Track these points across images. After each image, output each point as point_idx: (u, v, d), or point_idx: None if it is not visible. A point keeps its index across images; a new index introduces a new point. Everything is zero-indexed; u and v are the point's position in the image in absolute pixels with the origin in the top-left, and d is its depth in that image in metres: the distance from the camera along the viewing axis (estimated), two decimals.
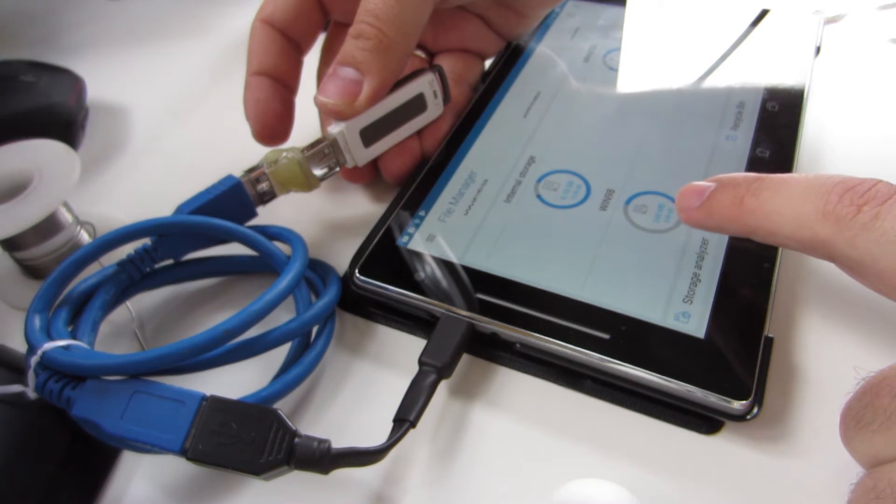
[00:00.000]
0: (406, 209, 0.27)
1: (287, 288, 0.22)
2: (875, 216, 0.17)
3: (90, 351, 0.21)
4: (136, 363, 0.20)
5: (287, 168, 0.26)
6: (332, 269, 0.26)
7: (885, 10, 0.39)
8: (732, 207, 0.20)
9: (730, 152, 0.28)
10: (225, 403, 0.19)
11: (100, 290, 0.24)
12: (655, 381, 0.21)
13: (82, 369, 0.20)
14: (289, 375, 0.22)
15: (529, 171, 0.28)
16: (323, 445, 0.19)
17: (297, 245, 0.25)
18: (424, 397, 0.21)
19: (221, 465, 0.18)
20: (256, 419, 0.19)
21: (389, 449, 0.19)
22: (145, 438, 0.19)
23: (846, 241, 0.18)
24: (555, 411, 0.22)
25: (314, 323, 0.23)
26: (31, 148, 0.27)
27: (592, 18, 0.37)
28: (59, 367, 0.20)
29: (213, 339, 0.20)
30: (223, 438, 0.19)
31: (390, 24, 0.25)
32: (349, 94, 0.25)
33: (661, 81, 0.32)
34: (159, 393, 0.19)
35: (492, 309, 0.23)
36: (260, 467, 0.18)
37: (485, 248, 0.25)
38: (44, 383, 0.20)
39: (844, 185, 0.18)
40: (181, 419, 0.19)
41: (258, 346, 0.22)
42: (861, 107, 0.33)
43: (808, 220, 0.19)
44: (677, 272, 0.24)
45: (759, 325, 0.22)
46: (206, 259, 0.27)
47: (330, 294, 0.24)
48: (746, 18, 0.35)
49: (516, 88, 0.32)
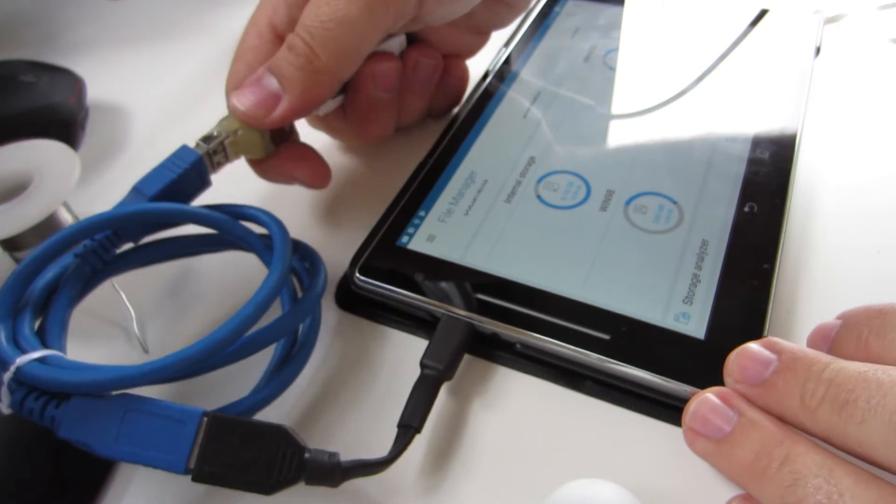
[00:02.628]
0: (406, 209, 0.27)
1: (277, 285, 0.21)
2: None
3: (71, 363, 0.19)
4: (128, 378, 0.18)
5: (247, 139, 0.25)
6: (314, 251, 0.25)
7: (886, 10, 0.39)
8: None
9: (730, 154, 0.28)
10: (227, 420, 0.18)
11: (63, 286, 0.22)
12: (655, 381, 0.21)
13: (68, 387, 0.18)
14: (283, 375, 0.21)
15: (529, 172, 0.28)
16: (333, 459, 0.18)
17: (276, 233, 0.23)
18: (427, 401, 0.21)
19: (230, 486, 0.18)
20: (263, 436, 0.18)
21: (397, 457, 0.19)
22: (145, 461, 0.18)
23: None
24: (555, 411, 0.22)
25: (305, 317, 0.22)
26: (31, 148, 0.27)
27: (592, 18, 0.37)
28: (38, 384, 0.18)
29: (209, 349, 0.19)
30: (229, 458, 0.18)
31: (324, 46, 0.23)
32: (265, 106, 0.24)
33: (660, 81, 0.32)
34: (154, 411, 0.18)
35: (492, 309, 0.23)
36: (270, 487, 0.18)
37: (485, 248, 0.25)
38: (21, 401, 0.18)
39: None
40: (181, 438, 0.18)
41: (252, 348, 0.20)
42: (861, 107, 0.33)
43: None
44: (677, 273, 0.24)
45: (759, 325, 0.22)
46: (169, 240, 0.25)
47: (318, 284, 0.23)
48: (746, 18, 0.35)
49: (516, 89, 0.32)
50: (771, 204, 0.26)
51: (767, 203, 0.26)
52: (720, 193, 0.26)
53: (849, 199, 0.29)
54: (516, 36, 0.35)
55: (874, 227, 0.27)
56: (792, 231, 0.27)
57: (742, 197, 0.26)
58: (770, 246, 0.24)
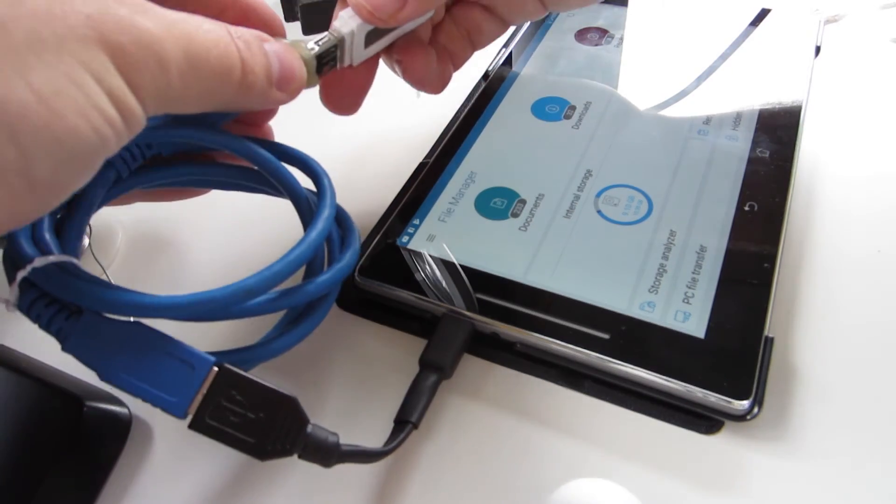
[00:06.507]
0: (406, 209, 0.27)
1: (317, 244, 0.20)
2: None
3: (89, 275, 0.18)
4: (147, 306, 0.18)
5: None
6: (350, 219, 0.24)
7: (886, 10, 0.39)
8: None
9: (731, 152, 0.28)
10: (237, 376, 0.18)
11: (86, 189, 0.20)
12: (655, 380, 0.21)
13: (86, 299, 0.17)
14: (300, 328, 0.21)
15: (530, 171, 0.28)
16: (333, 440, 0.18)
17: (325, 187, 0.21)
18: (426, 398, 0.21)
19: (225, 442, 0.17)
20: (270, 401, 0.18)
21: (393, 450, 0.19)
22: (147, 397, 0.17)
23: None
24: (555, 411, 0.22)
25: (335, 286, 0.21)
26: None
27: (593, 18, 0.37)
28: (53, 291, 0.17)
29: (235, 295, 0.18)
30: (230, 414, 0.17)
31: None
32: (395, 2, 0.21)
33: (661, 81, 0.32)
34: (167, 348, 0.18)
35: (492, 309, 0.23)
36: (265, 453, 0.17)
37: (486, 248, 0.25)
38: (31, 303, 0.17)
39: None
40: (188, 383, 0.17)
41: (276, 305, 0.20)
42: (861, 107, 0.33)
43: None
44: (677, 272, 0.24)
45: (759, 325, 0.22)
46: (200, 163, 0.24)
47: (350, 254, 0.22)
48: (746, 18, 0.35)
49: (516, 89, 0.32)
50: (771, 203, 0.26)
51: (768, 202, 0.26)
52: (720, 192, 0.26)
53: (849, 199, 0.28)
54: (516, 36, 0.35)
55: (874, 227, 0.27)
56: (792, 230, 0.27)
57: (742, 196, 0.26)
58: (770, 245, 0.24)
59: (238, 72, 0.18)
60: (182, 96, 0.16)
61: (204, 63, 0.17)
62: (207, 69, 0.17)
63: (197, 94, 0.17)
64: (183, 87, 0.16)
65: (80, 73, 0.14)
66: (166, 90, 0.16)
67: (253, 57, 0.18)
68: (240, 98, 0.18)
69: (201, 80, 0.17)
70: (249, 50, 0.18)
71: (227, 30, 0.18)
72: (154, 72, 0.15)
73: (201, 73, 0.17)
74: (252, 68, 0.18)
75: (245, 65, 0.18)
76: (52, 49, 0.14)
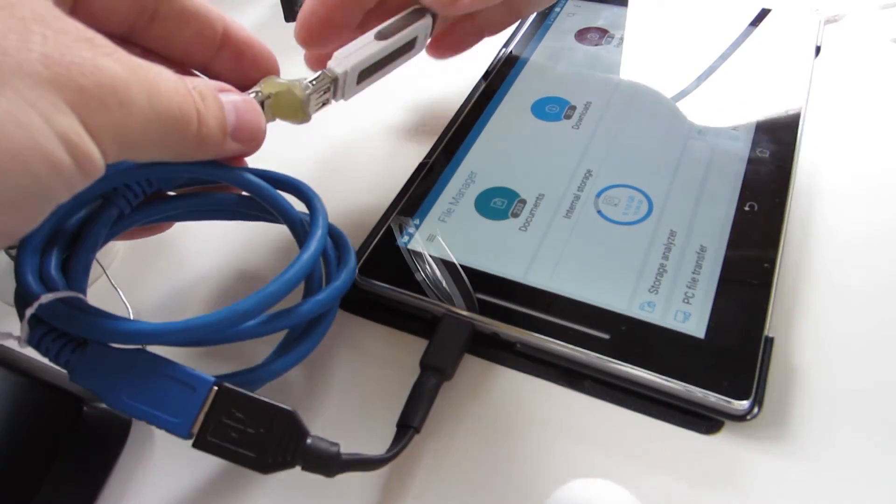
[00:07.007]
0: (407, 209, 0.27)
1: (309, 265, 0.21)
2: None
3: (94, 308, 0.19)
4: (147, 333, 0.19)
5: (287, 102, 0.24)
6: (346, 239, 0.24)
7: (886, 10, 0.39)
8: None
9: (731, 152, 0.28)
10: (237, 394, 0.18)
11: (91, 227, 0.21)
12: (655, 380, 0.21)
13: (89, 331, 0.18)
14: (300, 348, 0.21)
15: (530, 171, 0.28)
16: (333, 450, 0.19)
17: (317, 209, 0.22)
18: (427, 402, 0.21)
19: (228, 458, 0.18)
20: (270, 416, 0.18)
21: (396, 456, 0.19)
22: (151, 419, 0.18)
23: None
24: (555, 411, 0.22)
25: (332, 305, 0.22)
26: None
27: (593, 18, 0.37)
28: (60, 325, 0.18)
29: (230, 318, 0.19)
30: (232, 431, 0.18)
31: None
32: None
33: (661, 81, 0.32)
34: (167, 372, 0.18)
35: (492, 309, 0.23)
36: (267, 466, 0.18)
37: (486, 248, 0.25)
38: (40, 338, 0.19)
39: None
40: (189, 403, 0.18)
41: (272, 326, 0.20)
42: (861, 107, 0.33)
43: None
44: (677, 272, 0.24)
45: (759, 325, 0.22)
46: (198, 196, 0.24)
47: (347, 274, 0.22)
48: (747, 18, 0.35)
49: (516, 89, 0.32)
50: (771, 203, 0.26)
51: (768, 202, 0.26)
52: (720, 192, 0.26)
53: (849, 199, 0.28)
54: (517, 36, 0.35)
55: (875, 227, 0.27)
56: (792, 230, 0.27)
57: (742, 196, 0.26)
58: (770, 245, 0.24)
59: (195, 122, 0.18)
60: (142, 142, 0.16)
61: (166, 111, 0.17)
62: (169, 117, 0.17)
63: (156, 140, 0.17)
64: (143, 132, 0.16)
65: (23, 111, 0.13)
66: (127, 135, 0.16)
67: (207, 109, 0.18)
68: (194, 149, 0.18)
69: (162, 127, 0.17)
70: (204, 102, 0.18)
71: (184, 81, 0.18)
72: (116, 115, 0.15)
73: (163, 120, 0.17)
74: (206, 120, 0.18)
75: (200, 116, 0.18)
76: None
